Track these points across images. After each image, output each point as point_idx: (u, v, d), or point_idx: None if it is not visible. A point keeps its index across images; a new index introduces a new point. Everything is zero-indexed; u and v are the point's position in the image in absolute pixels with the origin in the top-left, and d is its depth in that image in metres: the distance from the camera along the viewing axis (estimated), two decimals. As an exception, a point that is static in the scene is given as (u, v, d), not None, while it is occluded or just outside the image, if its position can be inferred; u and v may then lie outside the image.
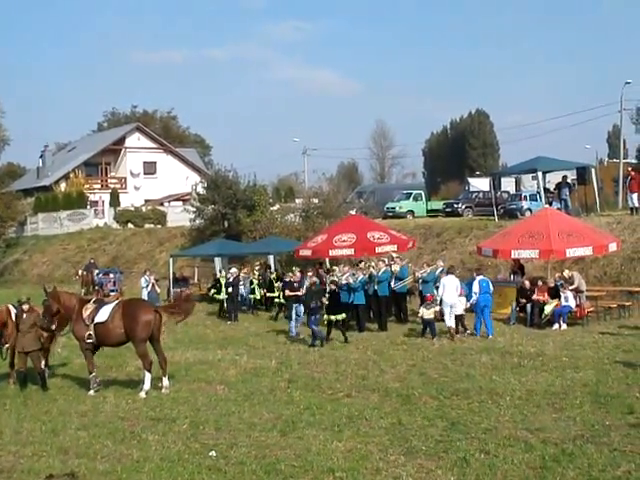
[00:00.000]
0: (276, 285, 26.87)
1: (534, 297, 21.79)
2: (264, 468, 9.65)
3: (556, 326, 21.04)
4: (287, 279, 23.29)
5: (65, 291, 15.98)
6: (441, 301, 20.37)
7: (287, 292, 22.53)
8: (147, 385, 14.14)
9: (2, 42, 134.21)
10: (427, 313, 19.98)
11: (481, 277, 21.24)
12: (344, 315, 20.27)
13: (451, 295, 20.16)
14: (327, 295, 20.13)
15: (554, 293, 21.68)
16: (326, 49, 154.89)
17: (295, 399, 13.32)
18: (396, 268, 22.98)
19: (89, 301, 14.97)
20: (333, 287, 20.39)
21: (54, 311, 14.65)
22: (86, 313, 14.45)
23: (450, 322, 20.02)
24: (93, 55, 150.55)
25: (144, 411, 12.82)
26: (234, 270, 27.01)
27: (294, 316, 21.62)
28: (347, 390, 13.86)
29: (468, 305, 20.56)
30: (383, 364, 16.33)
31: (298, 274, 23.07)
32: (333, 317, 19.97)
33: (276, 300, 26.53)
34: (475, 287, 20.58)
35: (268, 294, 27.74)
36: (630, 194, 30.38)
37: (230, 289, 25.97)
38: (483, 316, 20.25)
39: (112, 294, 31.28)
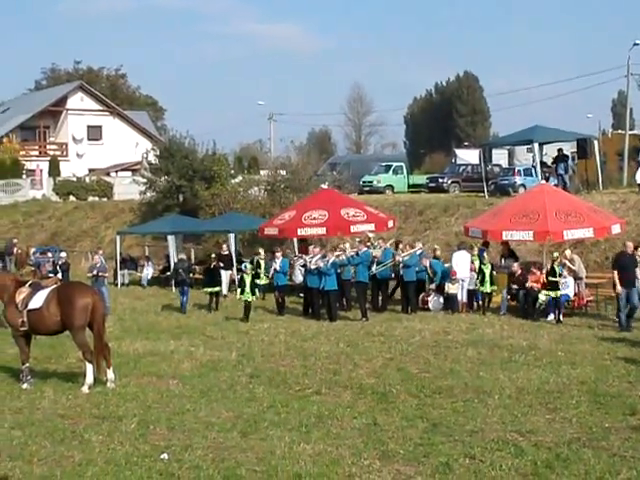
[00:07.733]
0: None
1: (527, 284, 21.98)
2: (222, 473, 9.67)
3: (551, 317, 21.25)
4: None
5: None
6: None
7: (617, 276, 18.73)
8: (90, 379, 14.07)
9: None
10: (452, 288, 22.61)
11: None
12: (218, 288, 25.00)
13: (463, 270, 22.71)
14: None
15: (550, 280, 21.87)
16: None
17: (258, 396, 13.34)
18: (377, 253, 23.06)
19: (25, 284, 14.89)
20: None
21: None
22: (20, 297, 14.41)
23: (461, 296, 22.72)
24: (25, 2, 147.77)
25: (87, 408, 12.76)
26: (64, 254, 27.69)
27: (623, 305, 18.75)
28: (316, 386, 13.91)
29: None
30: (357, 357, 16.39)
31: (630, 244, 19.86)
32: (209, 289, 24.37)
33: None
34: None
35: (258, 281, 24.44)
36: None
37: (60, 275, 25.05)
38: None
39: (51, 276, 30.96)
